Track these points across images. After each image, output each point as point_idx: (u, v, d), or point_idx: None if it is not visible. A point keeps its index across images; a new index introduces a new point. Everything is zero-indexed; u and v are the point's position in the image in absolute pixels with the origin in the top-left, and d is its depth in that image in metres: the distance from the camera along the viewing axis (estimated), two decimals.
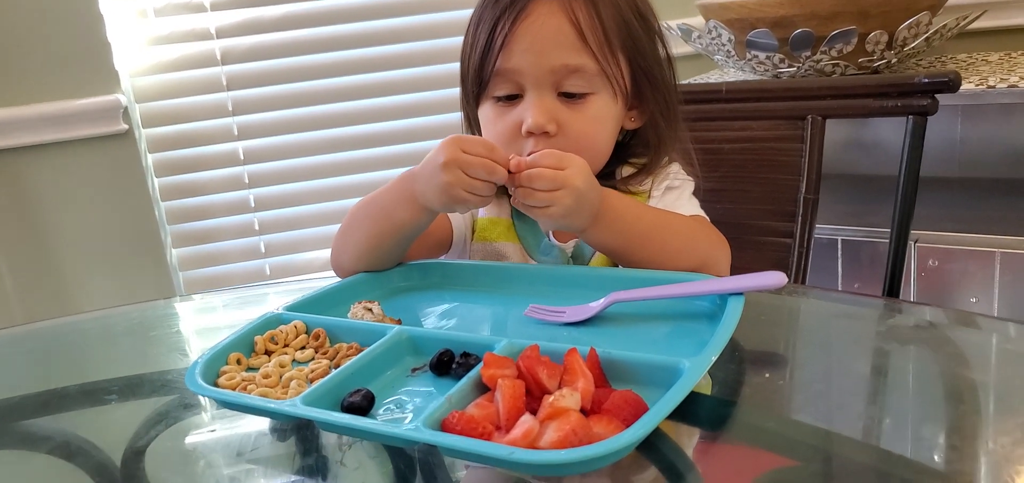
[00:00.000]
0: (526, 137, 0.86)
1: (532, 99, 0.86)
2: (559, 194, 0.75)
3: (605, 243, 0.82)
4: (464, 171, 0.76)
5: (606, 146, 0.91)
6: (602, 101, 0.88)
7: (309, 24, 1.92)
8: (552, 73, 0.85)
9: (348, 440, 0.57)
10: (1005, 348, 0.67)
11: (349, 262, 0.87)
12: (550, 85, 0.86)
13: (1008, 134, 1.70)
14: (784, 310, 0.78)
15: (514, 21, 0.85)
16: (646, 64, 0.90)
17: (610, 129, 0.90)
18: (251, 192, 2.01)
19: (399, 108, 2.00)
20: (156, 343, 0.87)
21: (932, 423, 0.54)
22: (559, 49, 0.84)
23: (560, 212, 0.76)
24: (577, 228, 0.79)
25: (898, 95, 1.02)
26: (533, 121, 0.85)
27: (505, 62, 0.86)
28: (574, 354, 0.56)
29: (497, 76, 0.87)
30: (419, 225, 0.84)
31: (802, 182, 1.08)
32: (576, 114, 0.86)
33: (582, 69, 0.85)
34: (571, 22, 0.84)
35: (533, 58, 0.85)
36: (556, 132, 0.86)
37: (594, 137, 0.88)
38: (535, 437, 0.49)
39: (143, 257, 2.00)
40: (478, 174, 0.76)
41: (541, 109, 0.85)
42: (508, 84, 0.87)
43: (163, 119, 1.93)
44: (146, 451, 0.62)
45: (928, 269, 1.41)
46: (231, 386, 0.63)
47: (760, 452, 0.54)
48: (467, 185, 0.76)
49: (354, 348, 0.67)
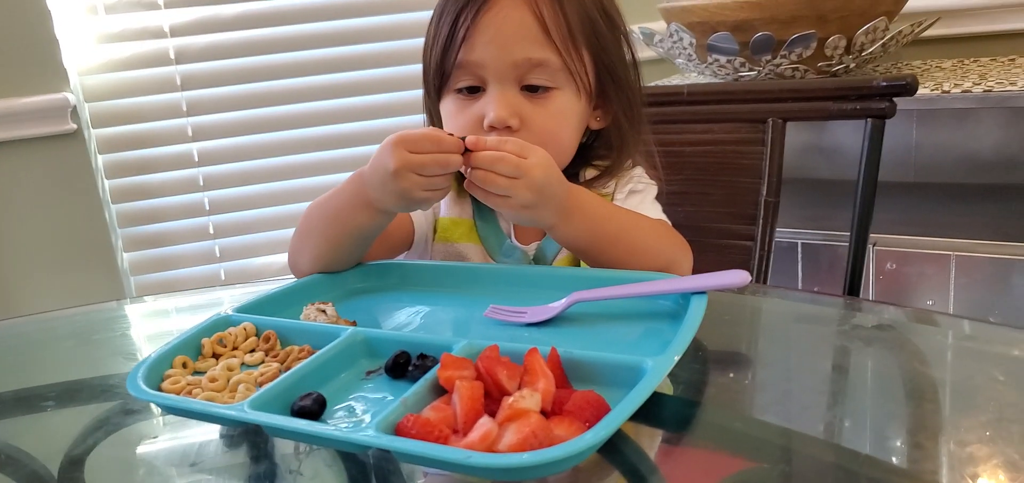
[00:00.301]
0: (488, 131, 0.84)
1: (494, 93, 0.84)
2: (518, 184, 0.72)
3: (574, 240, 0.80)
4: (417, 173, 0.73)
5: (570, 143, 0.89)
6: (566, 97, 0.86)
7: (266, 24, 1.89)
8: (515, 67, 0.84)
9: (305, 447, 0.55)
10: (962, 345, 0.67)
11: (307, 265, 0.84)
12: (513, 79, 0.84)
13: (961, 140, 1.74)
14: (747, 309, 0.77)
15: (477, 13, 0.83)
16: (610, 62, 0.89)
17: (574, 126, 0.89)
18: (206, 195, 1.97)
19: (358, 110, 1.97)
20: (99, 347, 0.84)
21: (895, 422, 0.54)
22: (522, 42, 0.83)
23: (518, 204, 0.73)
24: (542, 223, 0.77)
25: (857, 98, 1.03)
26: (495, 115, 0.83)
27: (467, 55, 0.84)
28: (535, 354, 0.55)
29: (459, 69, 0.86)
30: (378, 227, 0.82)
31: (763, 185, 1.08)
32: (539, 109, 0.85)
33: (545, 63, 0.84)
34: (535, 15, 0.83)
35: (496, 51, 0.83)
36: (519, 127, 0.84)
37: (558, 133, 0.86)
38: (493, 440, 0.47)
39: (93, 261, 1.94)
40: (432, 171, 0.73)
41: (503, 103, 0.84)
42: (470, 77, 0.86)
43: (114, 119, 1.88)
44: (86, 460, 0.59)
45: (886, 272, 1.43)
46: (175, 390, 0.61)
47: (724, 454, 0.52)
48: (423, 185, 0.73)
49: (306, 351, 0.65)
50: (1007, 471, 0.46)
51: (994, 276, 1.34)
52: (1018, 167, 1.70)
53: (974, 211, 1.57)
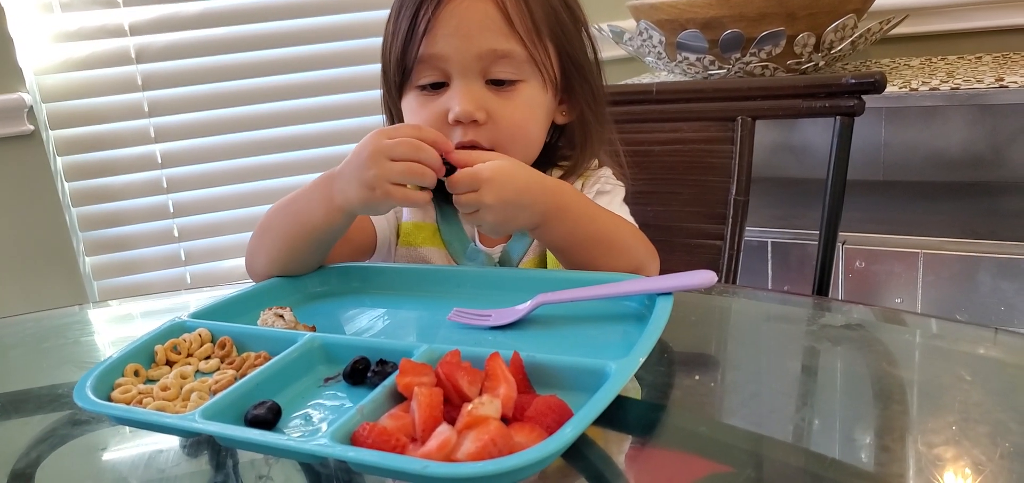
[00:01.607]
0: (454, 126, 0.82)
1: (459, 87, 0.82)
2: (480, 213, 0.73)
3: (556, 241, 0.78)
4: (389, 157, 0.71)
5: (538, 136, 0.88)
6: (532, 89, 0.84)
7: (229, 22, 1.85)
8: (479, 59, 0.81)
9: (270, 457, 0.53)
10: (930, 344, 0.67)
11: (263, 267, 0.82)
12: (477, 72, 0.82)
13: (929, 138, 1.75)
14: (715, 310, 0.76)
15: (438, 6, 0.81)
16: (575, 55, 0.88)
17: (541, 119, 0.87)
18: (169, 197, 1.93)
19: (324, 109, 1.94)
20: (48, 355, 0.80)
21: (863, 423, 0.53)
22: (486, 33, 0.81)
23: (492, 218, 0.74)
24: (523, 228, 0.76)
25: (826, 96, 1.02)
26: (461, 109, 0.81)
27: (429, 48, 0.82)
28: (496, 359, 0.53)
29: (421, 63, 0.83)
30: (335, 228, 0.79)
31: (732, 184, 1.07)
32: (506, 102, 0.83)
33: (510, 55, 0.82)
34: (498, 6, 0.81)
35: (459, 42, 0.81)
36: (485, 120, 0.82)
37: (525, 126, 0.84)
38: (452, 449, 0.45)
39: (54, 266, 1.90)
40: (404, 154, 0.71)
41: (469, 96, 0.81)
42: (433, 71, 0.83)
43: (73, 120, 1.84)
44: (35, 474, 0.57)
45: (855, 270, 1.43)
46: (125, 400, 0.59)
47: (691, 457, 0.51)
48: (394, 173, 0.71)
49: (262, 357, 0.63)
50: (973, 472, 0.45)
51: (961, 273, 1.35)
52: (985, 165, 1.72)
53: (942, 209, 1.58)
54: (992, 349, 0.62)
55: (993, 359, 0.61)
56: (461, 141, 0.82)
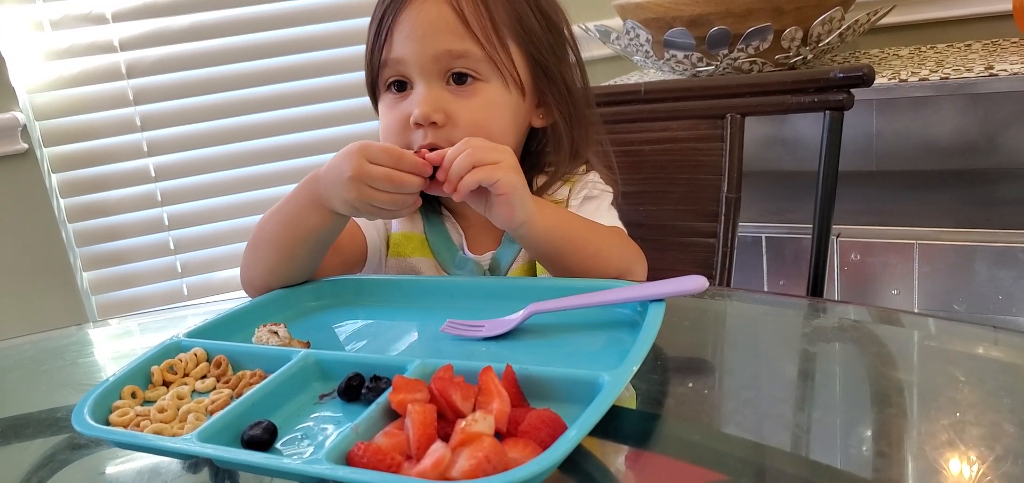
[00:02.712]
0: (415, 129, 0.83)
1: (419, 90, 0.84)
2: (500, 167, 0.73)
3: (546, 233, 0.77)
4: (369, 185, 0.73)
5: (503, 133, 0.87)
6: (493, 89, 0.85)
7: (217, 35, 1.85)
8: (435, 60, 0.83)
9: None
10: (927, 345, 0.66)
11: (260, 278, 0.82)
12: (436, 73, 0.84)
13: (921, 127, 1.75)
14: (708, 314, 0.76)
15: (397, 11, 0.84)
16: (544, 60, 0.88)
17: (506, 119, 0.87)
18: (164, 210, 1.93)
19: (317, 117, 1.95)
20: (46, 377, 0.81)
21: (860, 428, 0.53)
22: (440, 34, 0.82)
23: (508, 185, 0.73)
24: (524, 210, 0.75)
25: (815, 90, 1.03)
26: (420, 112, 0.82)
27: (389, 52, 0.85)
28: (489, 373, 0.53)
29: (385, 67, 0.86)
30: (331, 229, 0.80)
31: (724, 181, 1.07)
32: (464, 102, 0.84)
33: (466, 54, 0.83)
34: (453, 9, 0.82)
35: (415, 45, 0.83)
36: (444, 122, 0.83)
37: (486, 125, 0.84)
38: (446, 466, 0.46)
39: (53, 282, 1.89)
40: (384, 187, 0.73)
41: (427, 99, 0.83)
42: (396, 75, 0.86)
43: (67, 137, 1.84)
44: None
45: (851, 263, 1.43)
46: (123, 423, 0.59)
47: (687, 465, 0.51)
48: (374, 199, 0.73)
49: (258, 375, 0.63)
50: (970, 475, 0.45)
51: (957, 263, 1.35)
52: (978, 152, 1.72)
53: (936, 198, 1.58)
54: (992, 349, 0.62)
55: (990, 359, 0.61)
56: (422, 144, 0.83)
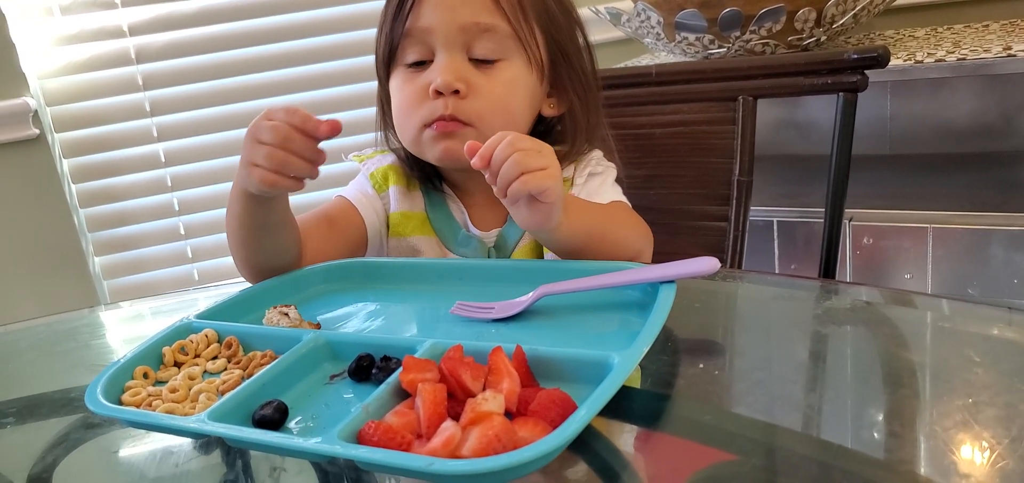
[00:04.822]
0: (434, 97, 0.83)
1: (442, 59, 0.83)
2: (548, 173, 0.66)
3: (573, 233, 0.74)
4: (257, 139, 0.70)
5: (520, 114, 0.87)
6: (515, 67, 0.85)
7: (226, 19, 1.85)
8: (462, 31, 0.83)
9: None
10: (940, 326, 0.66)
11: (241, 268, 0.83)
12: (461, 45, 0.83)
13: (936, 110, 1.73)
14: (719, 296, 0.76)
15: None
16: (563, 43, 0.88)
17: (524, 98, 0.87)
18: (174, 195, 1.94)
19: (325, 102, 1.95)
20: (60, 358, 0.81)
21: (873, 409, 0.53)
22: (470, 6, 0.82)
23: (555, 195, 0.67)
24: (554, 224, 0.71)
25: (828, 72, 1.02)
26: (442, 80, 0.82)
27: (415, 22, 0.84)
28: (499, 353, 0.53)
29: (407, 38, 0.85)
30: (262, 217, 0.78)
31: (735, 164, 1.06)
32: (487, 77, 0.84)
33: (494, 29, 0.83)
34: None
35: (443, 14, 0.82)
36: (466, 93, 0.83)
37: (507, 100, 0.85)
38: (456, 445, 0.46)
39: (65, 267, 1.91)
40: (268, 139, 0.70)
41: (450, 68, 0.82)
42: (418, 47, 0.85)
43: (77, 122, 1.85)
44: (52, 477, 0.57)
45: (863, 247, 1.42)
46: (135, 403, 0.59)
47: (697, 446, 0.51)
48: (263, 156, 0.70)
49: (268, 356, 0.63)
50: (983, 456, 0.45)
51: (972, 247, 1.34)
52: (994, 135, 1.70)
53: (950, 182, 1.56)
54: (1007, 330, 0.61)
55: (1005, 340, 0.60)
56: (442, 115, 0.82)
